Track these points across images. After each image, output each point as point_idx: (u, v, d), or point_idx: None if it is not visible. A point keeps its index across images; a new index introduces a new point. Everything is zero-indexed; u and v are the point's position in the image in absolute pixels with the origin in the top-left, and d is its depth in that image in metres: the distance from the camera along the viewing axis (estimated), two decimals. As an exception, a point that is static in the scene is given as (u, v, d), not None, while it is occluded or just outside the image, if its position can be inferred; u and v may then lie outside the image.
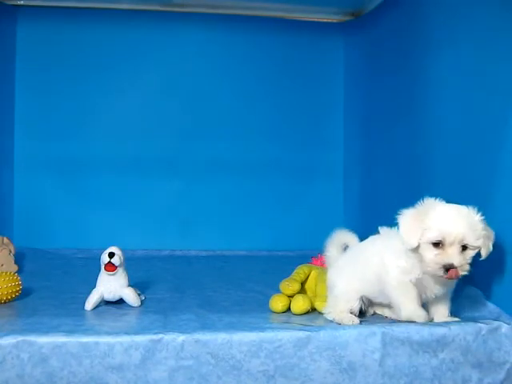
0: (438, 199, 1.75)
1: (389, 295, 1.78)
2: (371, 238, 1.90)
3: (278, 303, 1.94)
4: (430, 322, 1.74)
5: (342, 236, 2.03)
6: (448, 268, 1.64)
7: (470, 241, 1.65)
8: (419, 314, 1.72)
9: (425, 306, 1.78)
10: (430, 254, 1.67)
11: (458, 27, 2.18)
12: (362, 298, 1.85)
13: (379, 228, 1.86)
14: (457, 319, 1.77)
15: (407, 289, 1.73)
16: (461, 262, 1.64)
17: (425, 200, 1.75)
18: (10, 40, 3.22)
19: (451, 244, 1.64)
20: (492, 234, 1.72)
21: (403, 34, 2.68)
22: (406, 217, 1.74)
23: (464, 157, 2.12)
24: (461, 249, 1.65)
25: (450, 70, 2.24)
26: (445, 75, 2.28)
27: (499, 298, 1.84)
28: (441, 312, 1.80)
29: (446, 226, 1.66)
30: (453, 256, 1.64)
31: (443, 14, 2.30)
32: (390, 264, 1.76)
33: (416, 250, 1.69)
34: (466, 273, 1.66)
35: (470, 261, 1.66)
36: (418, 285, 1.73)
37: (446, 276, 1.65)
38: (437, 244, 1.66)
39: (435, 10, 2.37)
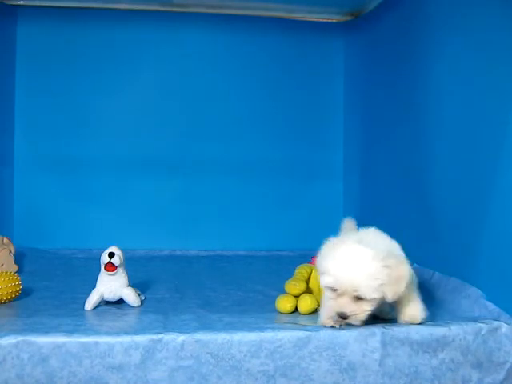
0: (350, 236, 1.72)
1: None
2: None
3: (286, 304, 1.94)
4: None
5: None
6: (341, 316, 1.58)
7: (364, 293, 1.56)
8: (325, 323, 1.67)
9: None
10: (328, 296, 1.62)
11: (458, 27, 2.18)
12: None
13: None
14: (415, 321, 1.72)
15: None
16: (354, 312, 1.57)
17: (332, 239, 1.71)
18: (10, 40, 3.22)
19: (344, 293, 1.58)
20: (404, 274, 1.63)
21: (403, 34, 2.68)
22: (320, 253, 1.69)
23: (464, 157, 2.12)
24: (355, 298, 1.57)
25: (450, 70, 2.24)
26: (445, 75, 2.28)
27: (499, 297, 1.84)
28: (405, 313, 1.75)
29: (339, 275, 1.58)
30: (345, 305, 1.58)
31: (443, 14, 2.30)
32: None
33: None
34: (358, 323, 1.59)
35: (369, 309, 1.58)
36: None
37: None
38: (334, 289, 1.60)
39: (435, 9, 2.37)
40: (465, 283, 2.02)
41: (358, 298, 1.57)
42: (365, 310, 1.58)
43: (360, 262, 1.57)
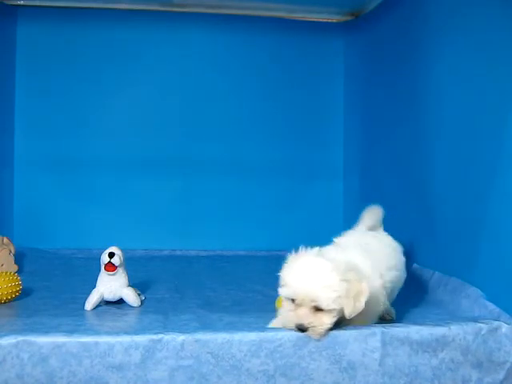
0: (311, 250, 1.68)
1: None
2: None
3: None
4: None
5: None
6: (299, 328, 1.56)
7: (322, 303, 1.53)
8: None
9: None
10: (287, 308, 1.60)
11: (458, 27, 2.18)
12: None
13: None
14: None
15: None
16: (313, 324, 1.55)
17: (296, 252, 1.69)
18: (9, 40, 3.22)
19: (302, 304, 1.56)
20: (363, 290, 1.59)
21: (403, 34, 2.68)
22: (287, 262, 1.67)
23: (464, 157, 2.12)
24: (313, 310, 1.55)
25: (450, 70, 2.24)
26: (445, 75, 2.28)
27: (499, 297, 1.84)
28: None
29: (297, 286, 1.57)
30: (302, 317, 1.56)
31: (443, 14, 2.30)
32: None
33: None
34: (318, 336, 1.56)
35: (329, 322, 1.56)
36: None
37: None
38: (293, 300, 1.58)
39: (435, 9, 2.37)
40: (465, 283, 2.02)
41: (317, 309, 1.55)
42: (324, 322, 1.55)
43: (318, 273, 1.56)
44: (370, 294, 1.60)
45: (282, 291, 1.60)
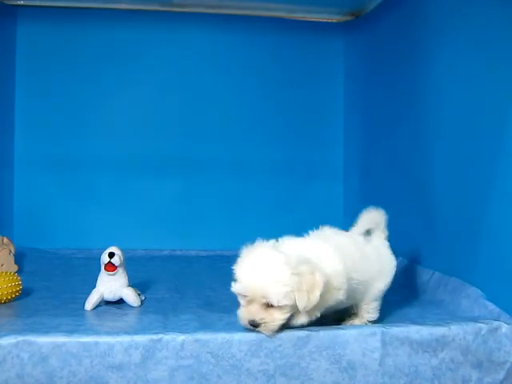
0: (266, 241, 1.69)
1: None
2: None
3: None
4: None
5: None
6: (252, 324, 1.55)
7: (272, 299, 1.51)
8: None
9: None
10: (240, 304, 1.59)
11: (459, 27, 2.18)
12: None
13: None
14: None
15: None
16: (264, 320, 1.54)
17: (252, 244, 1.69)
18: (9, 40, 3.22)
19: (253, 300, 1.54)
20: (317, 282, 1.55)
21: (404, 34, 2.68)
22: (240, 256, 1.66)
23: (464, 157, 2.12)
24: (265, 305, 1.53)
25: (450, 70, 2.24)
26: (445, 75, 2.28)
27: (499, 297, 1.84)
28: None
29: (247, 281, 1.55)
30: (254, 313, 1.54)
31: (444, 14, 2.30)
32: None
33: None
34: (270, 333, 1.55)
35: (281, 318, 1.54)
36: None
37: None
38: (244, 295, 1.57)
39: (436, 9, 2.37)
40: (465, 283, 2.02)
41: (269, 306, 1.53)
42: (276, 318, 1.54)
43: (268, 268, 1.54)
44: (327, 280, 1.57)
45: (234, 287, 1.59)
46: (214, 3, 3.25)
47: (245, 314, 1.56)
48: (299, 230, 3.40)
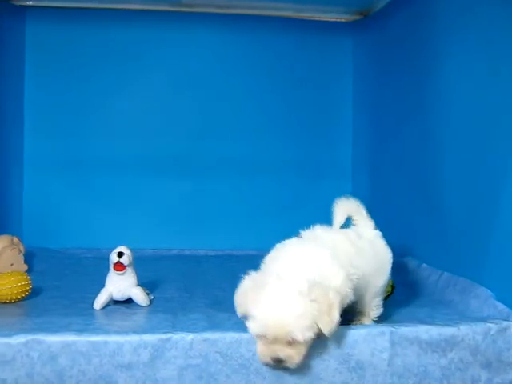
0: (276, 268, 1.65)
1: None
2: None
3: None
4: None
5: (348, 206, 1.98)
6: (275, 361, 1.48)
7: (297, 336, 1.45)
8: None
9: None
10: (259, 341, 1.51)
11: (468, 26, 2.17)
12: None
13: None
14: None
15: None
16: (289, 355, 1.47)
17: (263, 270, 1.68)
18: (19, 40, 3.23)
19: (275, 340, 1.46)
20: (333, 302, 1.50)
21: (412, 33, 2.68)
22: (242, 288, 1.61)
23: (474, 156, 2.11)
24: (289, 342, 1.46)
25: (459, 69, 2.23)
26: (454, 74, 2.27)
27: (509, 297, 1.83)
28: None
29: (266, 322, 1.46)
30: (277, 351, 1.47)
31: (453, 13, 2.29)
32: None
33: None
34: (295, 366, 1.50)
35: (305, 351, 1.49)
36: None
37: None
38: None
39: (445, 8, 2.36)
40: (474, 283, 2.01)
41: (293, 341, 1.47)
42: (301, 352, 1.49)
43: (286, 304, 1.46)
44: (341, 297, 1.54)
45: (252, 328, 1.50)
46: (223, 3, 3.25)
47: (267, 351, 1.49)
48: (308, 228, 3.40)
